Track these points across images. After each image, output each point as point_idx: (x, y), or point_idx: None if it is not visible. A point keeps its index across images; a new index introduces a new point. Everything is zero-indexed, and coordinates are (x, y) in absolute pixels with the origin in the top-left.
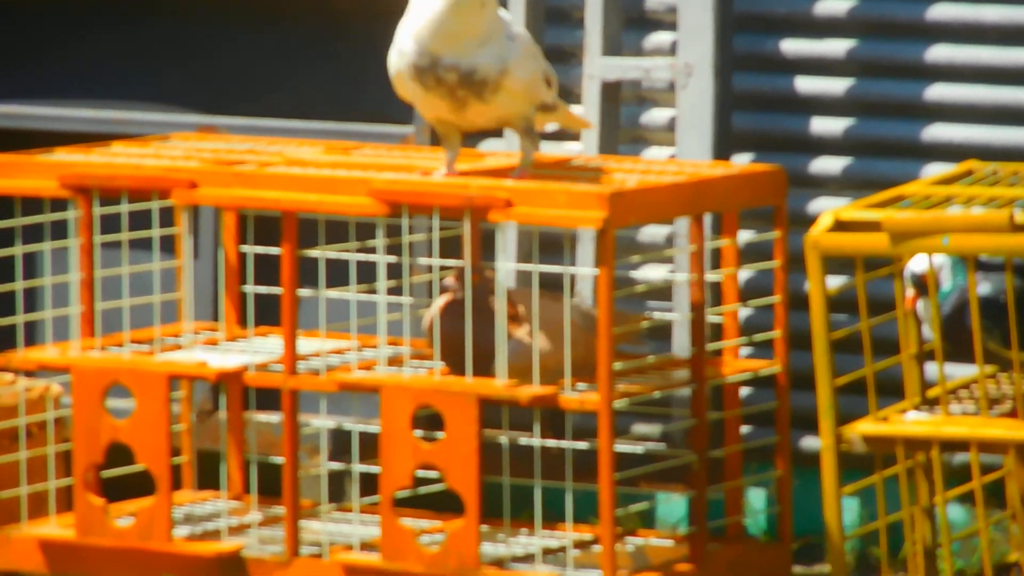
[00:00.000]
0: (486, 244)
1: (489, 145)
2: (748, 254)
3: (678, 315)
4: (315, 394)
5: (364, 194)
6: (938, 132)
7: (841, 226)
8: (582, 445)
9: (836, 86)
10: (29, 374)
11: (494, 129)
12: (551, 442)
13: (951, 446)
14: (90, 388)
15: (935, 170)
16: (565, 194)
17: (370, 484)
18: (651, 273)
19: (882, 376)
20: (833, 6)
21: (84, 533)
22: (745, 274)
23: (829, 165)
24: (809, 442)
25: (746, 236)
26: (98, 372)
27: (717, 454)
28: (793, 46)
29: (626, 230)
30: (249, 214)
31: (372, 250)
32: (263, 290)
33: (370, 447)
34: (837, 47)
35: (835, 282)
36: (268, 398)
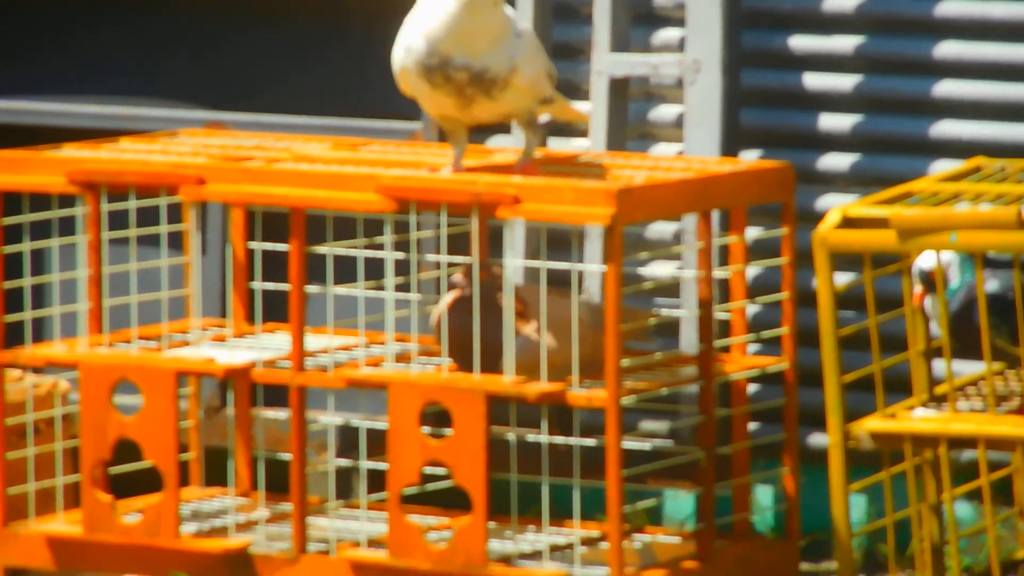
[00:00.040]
0: (494, 241)
1: (497, 141)
2: (756, 250)
3: (686, 311)
4: (323, 391)
5: (372, 190)
6: (946, 128)
7: (849, 223)
8: (590, 442)
9: (844, 82)
10: (37, 370)
11: (496, 123)
12: (559, 439)
13: (959, 443)
14: (98, 384)
15: (943, 166)
16: (573, 190)
17: (378, 481)
18: (659, 270)
19: (890, 373)
20: (841, 2)
21: (91, 530)
22: (753, 271)
23: (837, 161)
24: (817, 439)
25: (754, 232)
26: (106, 368)
27: (725, 451)
28: (801, 42)
29: (634, 226)
30: (257, 210)
31: (380, 246)
32: (271, 286)
33: (378, 444)
34: (845, 43)
35: (843, 279)
36: (276, 394)
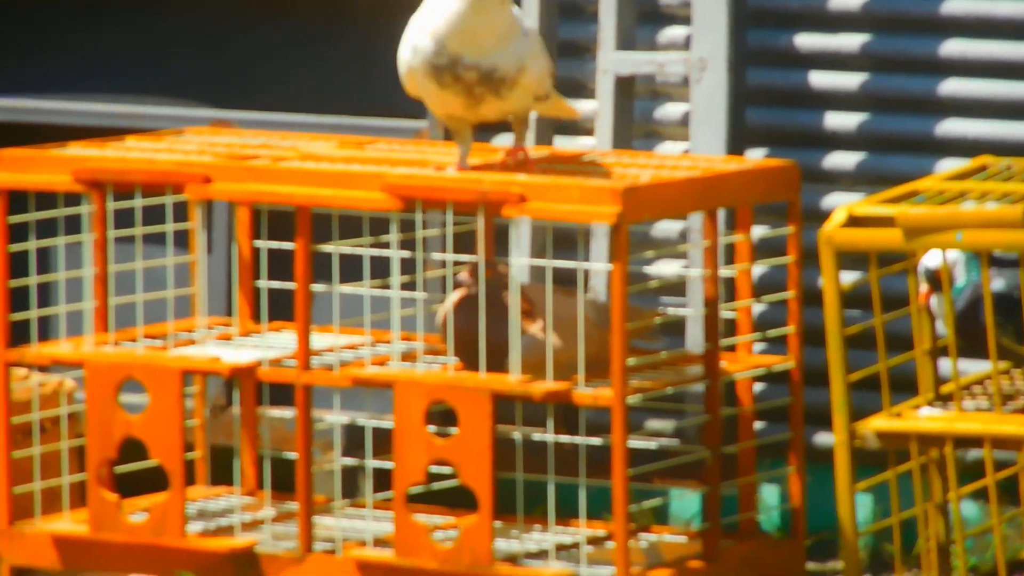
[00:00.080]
0: (500, 239)
1: (502, 140)
2: (762, 249)
3: (692, 311)
4: (329, 390)
5: (378, 189)
6: (952, 127)
7: (855, 222)
8: (595, 441)
9: (850, 81)
10: (43, 369)
11: (500, 121)
12: (564, 438)
13: (965, 442)
14: (104, 383)
15: (949, 165)
16: (579, 189)
17: (384, 480)
18: (665, 268)
19: (896, 372)
20: (847, 1)
21: (97, 529)
22: (759, 270)
23: (843, 160)
24: (823, 438)
25: (760, 231)
26: (112, 367)
27: (730, 450)
28: (807, 41)
29: (640, 225)
30: (263, 209)
31: (386, 245)
32: (277, 285)
33: (384, 443)
34: (851, 42)
35: (849, 278)
36: (281, 393)
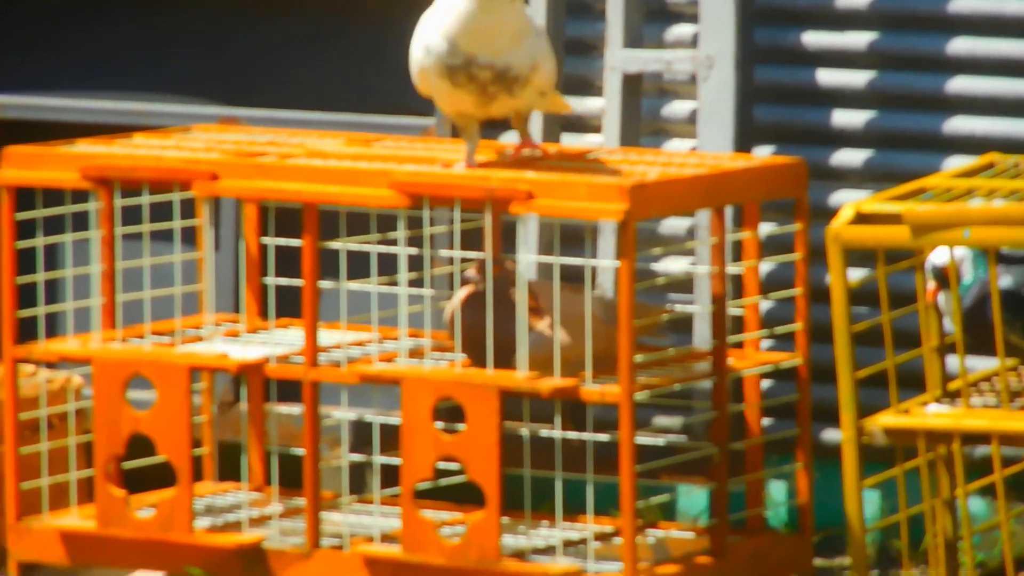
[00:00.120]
0: (507, 236)
1: (509, 137)
2: (769, 246)
3: (699, 307)
4: (336, 386)
5: (385, 186)
6: (959, 125)
7: (862, 219)
8: (603, 437)
9: (857, 78)
10: (50, 366)
11: (506, 118)
12: (572, 434)
13: (972, 439)
14: (111, 380)
15: (956, 163)
16: (586, 186)
17: (391, 476)
18: (672, 265)
19: (903, 369)
20: None
21: (105, 525)
22: (766, 266)
23: (850, 157)
24: (830, 435)
25: (767, 228)
26: (119, 364)
27: (738, 446)
28: (814, 38)
29: (647, 222)
30: (270, 206)
31: (393, 242)
32: (284, 282)
33: (391, 439)
34: (858, 39)
35: (856, 275)
36: (289, 390)
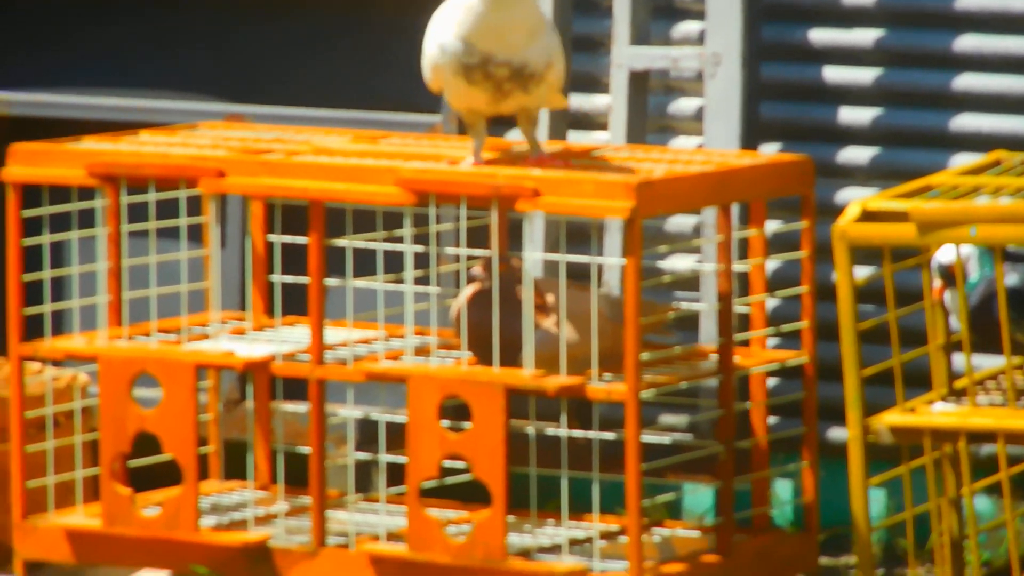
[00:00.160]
0: (513, 234)
1: (516, 135)
2: (775, 244)
3: (705, 305)
4: (342, 384)
5: (392, 183)
6: (966, 122)
7: (869, 216)
8: (609, 435)
9: (864, 76)
10: (56, 363)
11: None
12: (578, 432)
13: (978, 437)
14: (117, 377)
15: (963, 160)
16: (593, 184)
17: (397, 474)
18: (678, 263)
19: (909, 367)
20: None
21: (111, 523)
22: (772, 264)
23: (857, 155)
24: (836, 433)
25: (773, 226)
26: (125, 361)
27: (744, 445)
28: (821, 35)
29: (653, 220)
30: (277, 203)
31: (399, 240)
32: (290, 279)
33: (397, 437)
34: (865, 36)
35: (863, 272)
36: (295, 388)
